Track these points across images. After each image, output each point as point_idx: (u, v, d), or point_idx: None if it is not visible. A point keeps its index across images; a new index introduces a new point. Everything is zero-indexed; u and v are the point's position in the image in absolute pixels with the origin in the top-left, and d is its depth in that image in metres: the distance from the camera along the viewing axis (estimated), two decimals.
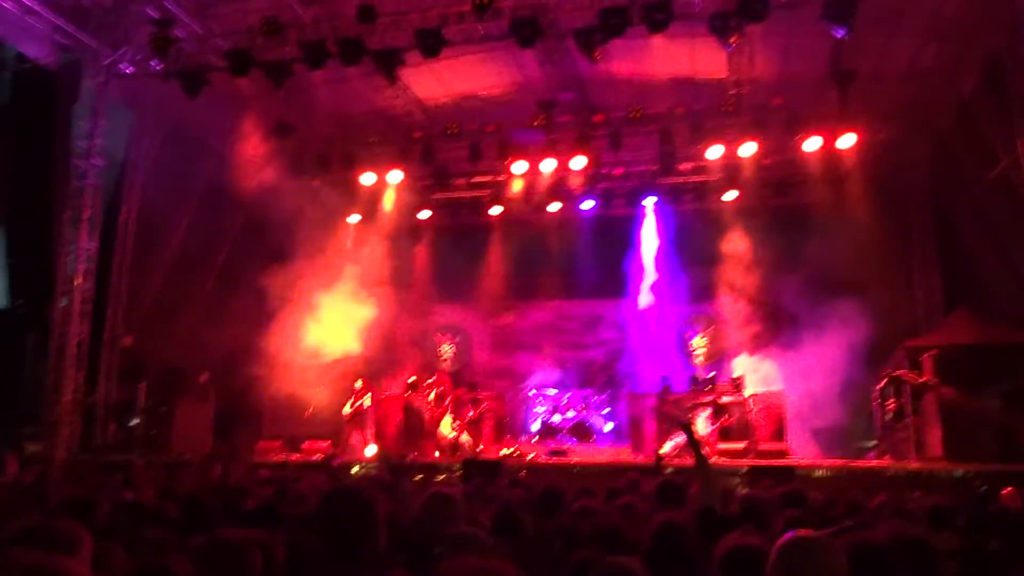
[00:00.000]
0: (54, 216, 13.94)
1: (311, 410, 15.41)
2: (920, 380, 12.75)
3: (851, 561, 2.35)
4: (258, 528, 3.75)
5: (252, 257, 15.74)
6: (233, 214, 16.64)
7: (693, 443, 4.47)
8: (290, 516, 4.66)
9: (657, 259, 16.92)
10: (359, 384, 15.05)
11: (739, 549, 2.68)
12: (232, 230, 17.07)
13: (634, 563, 2.59)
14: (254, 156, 15.79)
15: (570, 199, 17.12)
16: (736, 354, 15.65)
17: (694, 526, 3.50)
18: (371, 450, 14.51)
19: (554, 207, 17.23)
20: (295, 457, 14.08)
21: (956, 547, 3.90)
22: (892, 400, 13.42)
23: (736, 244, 15.93)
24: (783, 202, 15.70)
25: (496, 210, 17.64)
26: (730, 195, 16.28)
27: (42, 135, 13.99)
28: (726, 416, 13.97)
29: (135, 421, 15.16)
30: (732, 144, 14.99)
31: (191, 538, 3.49)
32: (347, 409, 14.91)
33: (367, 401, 15.00)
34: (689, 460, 10.83)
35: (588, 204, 17.32)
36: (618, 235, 17.15)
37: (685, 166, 16.08)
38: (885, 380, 13.53)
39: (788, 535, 2.41)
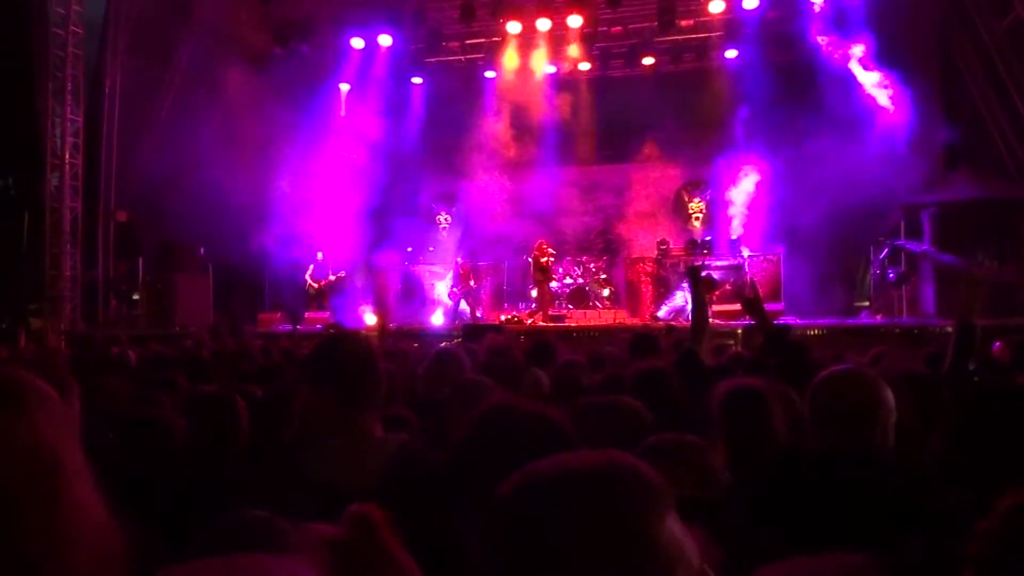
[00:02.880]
0: (37, 89, 13.62)
1: (309, 283, 15.60)
2: (920, 250, 12.90)
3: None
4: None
5: (246, 126, 15.43)
6: (222, 83, 16.23)
7: (699, 298, 4.41)
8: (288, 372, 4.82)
9: (656, 121, 16.61)
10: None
11: (740, 389, 2.67)
12: (221, 98, 16.69)
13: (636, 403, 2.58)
14: (239, 21, 15.37)
15: (566, 60, 16.73)
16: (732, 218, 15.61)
17: (675, 371, 3.52)
18: (370, 319, 14.73)
19: (550, 69, 16.93)
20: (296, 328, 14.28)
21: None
22: (893, 269, 13.52)
23: (737, 104, 15.65)
24: (786, 59, 15.27)
25: (491, 74, 17.30)
26: (731, 53, 15.95)
27: (16, 2, 13.46)
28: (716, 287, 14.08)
29: (136, 296, 15.37)
30: None
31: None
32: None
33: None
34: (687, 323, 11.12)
35: (585, 65, 16.99)
36: (616, 97, 16.76)
37: (685, 22, 15.67)
38: (887, 250, 13.55)
39: (831, 368, 2.44)
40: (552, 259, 14.89)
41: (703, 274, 4.87)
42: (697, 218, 16.76)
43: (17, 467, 0.83)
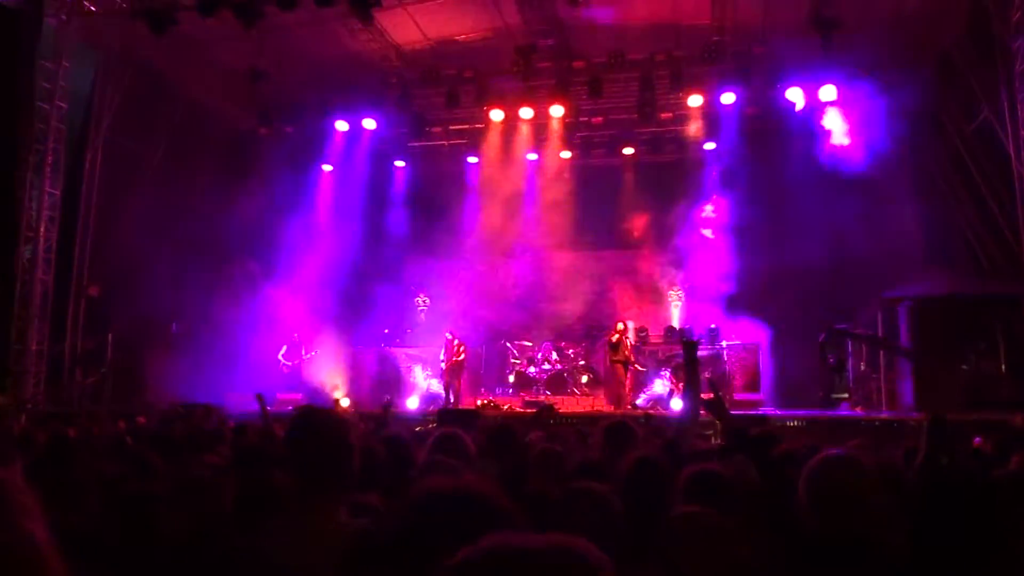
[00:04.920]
0: (17, 161, 13.70)
1: (283, 362, 15.48)
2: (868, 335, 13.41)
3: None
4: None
5: (223, 207, 15.54)
6: (203, 161, 16.45)
7: (693, 376, 4.49)
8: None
9: (637, 209, 17.09)
10: None
11: (701, 474, 2.81)
12: (203, 178, 16.86)
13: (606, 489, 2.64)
14: (225, 102, 15.69)
15: (548, 148, 17.17)
16: (712, 306, 15.84)
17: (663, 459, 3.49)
18: (344, 402, 14.63)
19: (531, 156, 17.37)
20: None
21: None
22: (832, 354, 13.77)
23: (717, 192, 16.22)
24: (762, 152, 15.81)
25: (474, 159, 17.71)
26: (709, 145, 16.49)
27: (3, 75, 13.65)
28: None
29: (102, 371, 15.14)
30: (712, 92, 15.07)
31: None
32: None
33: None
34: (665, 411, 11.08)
35: (566, 154, 17.44)
36: (597, 185, 17.26)
37: (665, 115, 16.16)
38: (824, 335, 13.81)
39: (822, 453, 2.54)
40: (622, 336, 14.41)
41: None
42: (676, 305, 16.93)
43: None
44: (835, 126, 14.39)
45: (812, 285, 14.41)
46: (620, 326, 14.46)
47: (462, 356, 14.95)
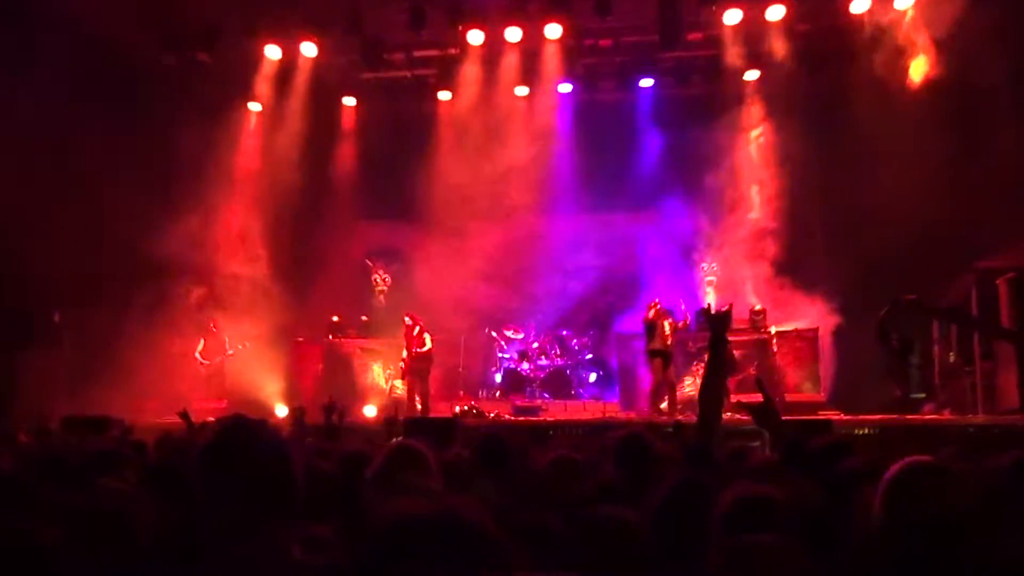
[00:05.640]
0: None
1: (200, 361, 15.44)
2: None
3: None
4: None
5: (117, 159, 15.19)
6: (89, 103, 16.04)
7: (717, 359, 4.63)
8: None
9: (657, 160, 16.83)
10: None
11: (747, 498, 2.87)
12: (90, 124, 16.50)
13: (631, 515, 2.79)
14: (116, 25, 15.25)
15: (543, 80, 16.87)
16: (756, 281, 15.85)
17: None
18: (281, 410, 14.56)
19: (521, 91, 16.99)
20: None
21: None
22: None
23: (758, 140, 16.14)
24: (819, 85, 15.70)
25: (445, 95, 17.34)
26: (751, 74, 16.26)
27: None
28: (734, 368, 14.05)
29: None
30: (755, 6, 14.90)
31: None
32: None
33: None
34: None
35: (566, 87, 17.13)
36: (606, 128, 17.00)
37: (693, 36, 15.96)
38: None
39: (906, 460, 2.60)
40: (658, 317, 14.01)
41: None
42: (710, 280, 16.79)
43: None
44: (918, 42, 14.16)
45: (887, 252, 14.19)
46: (656, 303, 14.13)
47: (428, 347, 14.72)
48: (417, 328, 14.76)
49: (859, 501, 2.84)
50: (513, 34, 15.89)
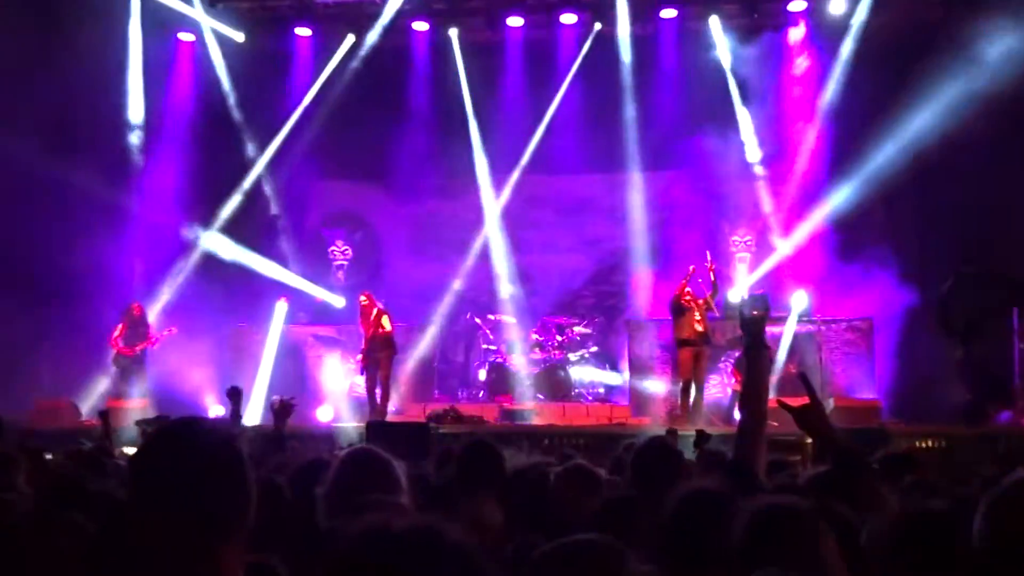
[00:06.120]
0: None
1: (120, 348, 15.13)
2: None
3: None
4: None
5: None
6: None
7: (756, 369, 4.45)
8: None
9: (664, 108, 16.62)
10: None
11: (770, 511, 2.90)
12: None
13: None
14: None
15: (542, 9, 16.91)
16: (799, 262, 16.01)
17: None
18: (216, 411, 14.21)
19: (515, 21, 16.93)
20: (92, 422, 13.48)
21: None
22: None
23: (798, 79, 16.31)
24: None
25: (422, 26, 17.18)
26: (797, 3, 16.29)
27: None
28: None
29: None
30: None
31: None
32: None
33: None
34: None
35: (570, 18, 17.03)
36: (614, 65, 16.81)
37: None
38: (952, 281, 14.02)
39: (1013, 476, 2.71)
40: (690, 299, 13.79)
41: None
42: (742, 259, 16.72)
43: None
44: None
45: (958, 225, 14.33)
46: (691, 272, 13.92)
47: (387, 329, 14.39)
48: (375, 310, 14.43)
49: (945, 521, 2.88)
50: None
